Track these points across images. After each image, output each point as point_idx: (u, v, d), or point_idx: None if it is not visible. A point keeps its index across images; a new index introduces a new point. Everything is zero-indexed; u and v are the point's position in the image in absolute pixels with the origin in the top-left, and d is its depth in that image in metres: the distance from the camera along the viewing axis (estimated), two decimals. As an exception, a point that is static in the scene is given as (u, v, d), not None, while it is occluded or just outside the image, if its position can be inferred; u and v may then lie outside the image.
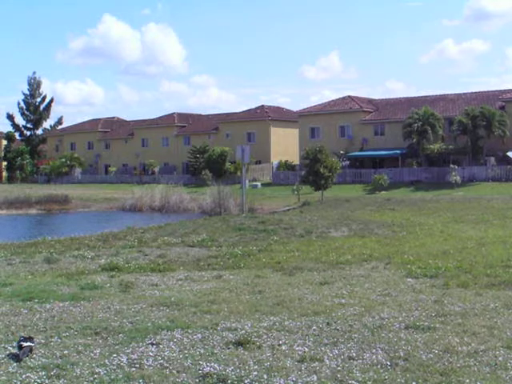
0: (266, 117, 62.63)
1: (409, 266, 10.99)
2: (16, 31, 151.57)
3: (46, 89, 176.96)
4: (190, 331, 6.59)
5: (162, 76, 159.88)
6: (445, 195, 35.65)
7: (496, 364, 5.48)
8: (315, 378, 5.16)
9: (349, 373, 5.28)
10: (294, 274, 10.54)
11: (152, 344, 6.12)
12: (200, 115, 74.50)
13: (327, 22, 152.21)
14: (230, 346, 6.06)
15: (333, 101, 58.56)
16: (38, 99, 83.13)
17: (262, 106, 66.13)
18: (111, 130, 76.91)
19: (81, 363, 5.50)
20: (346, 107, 55.27)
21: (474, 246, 13.60)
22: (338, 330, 6.70)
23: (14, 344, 5.91)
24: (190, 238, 16.35)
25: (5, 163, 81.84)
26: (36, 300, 8.27)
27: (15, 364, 5.46)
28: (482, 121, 44.14)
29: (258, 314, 7.48)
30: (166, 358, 5.68)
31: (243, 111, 67.46)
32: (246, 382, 5.06)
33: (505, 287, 9.04)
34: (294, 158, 56.70)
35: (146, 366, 5.44)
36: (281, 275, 10.53)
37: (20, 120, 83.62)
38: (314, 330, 6.71)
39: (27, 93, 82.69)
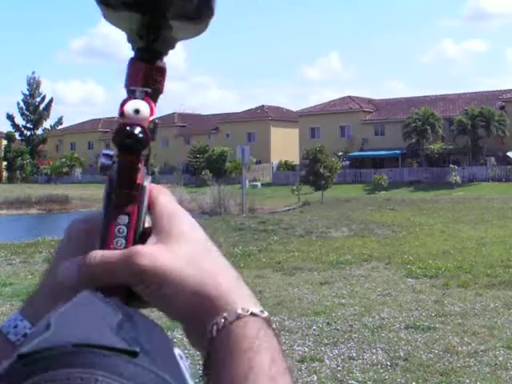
0: (266, 117, 62.65)
1: (409, 266, 10.98)
2: (16, 31, 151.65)
3: (46, 89, 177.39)
4: (190, 331, 6.58)
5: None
6: (445, 195, 35.65)
7: (496, 364, 5.48)
8: (315, 377, 5.17)
9: (349, 373, 5.28)
10: (294, 274, 10.54)
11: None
12: (200, 115, 74.53)
13: (327, 22, 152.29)
14: (230, 346, 6.06)
15: (333, 101, 58.58)
16: (38, 99, 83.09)
17: (262, 105, 66.15)
18: (111, 130, 76.47)
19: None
20: (345, 107, 55.27)
21: (474, 246, 13.59)
22: (338, 329, 6.70)
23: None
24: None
25: (5, 163, 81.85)
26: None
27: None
28: (481, 121, 44.17)
29: (258, 314, 7.48)
30: (166, 358, 5.68)
31: (243, 111, 67.45)
32: (246, 381, 5.07)
33: (505, 287, 9.03)
34: (294, 158, 56.69)
35: (146, 366, 5.44)
36: (281, 275, 10.52)
37: (20, 120, 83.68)
38: (314, 329, 6.71)
39: (27, 93, 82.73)
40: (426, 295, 8.56)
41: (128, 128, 0.53)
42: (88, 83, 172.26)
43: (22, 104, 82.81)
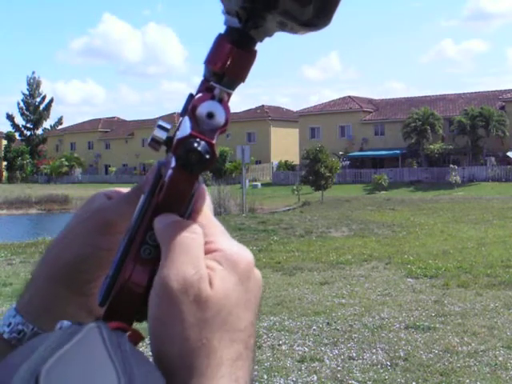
0: (266, 117, 62.64)
1: (409, 266, 10.98)
2: (16, 31, 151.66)
3: (46, 89, 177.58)
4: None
5: (163, 76, 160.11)
6: (445, 195, 35.65)
7: (496, 364, 5.48)
8: (315, 377, 5.16)
9: (349, 373, 5.28)
10: (294, 274, 10.54)
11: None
12: (200, 115, 74.41)
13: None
14: (230, 346, 6.05)
15: (333, 101, 58.58)
16: (38, 99, 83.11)
17: (262, 105, 66.15)
18: (111, 129, 76.93)
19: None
20: (345, 107, 55.28)
21: (474, 246, 13.59)
22: (338, 329, 6.70)
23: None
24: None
25: (5, 163, 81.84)
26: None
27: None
28: (481, 121, 44.19)
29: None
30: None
31: (243, 111, 67.42)
32: (246, 381, 5.06)
33: (505, 287, 9.03)
34: (294, 158, 56.68)
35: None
36: (281, 275, 10.52)
37: (20, 120, 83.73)
38: (314, 329, 6.71)
39: (27, 93, 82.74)
40: (426, 295, 8.55)
41: (195, 144, 0.46)
42: (88, 83, 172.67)
43: (21, 104, 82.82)
